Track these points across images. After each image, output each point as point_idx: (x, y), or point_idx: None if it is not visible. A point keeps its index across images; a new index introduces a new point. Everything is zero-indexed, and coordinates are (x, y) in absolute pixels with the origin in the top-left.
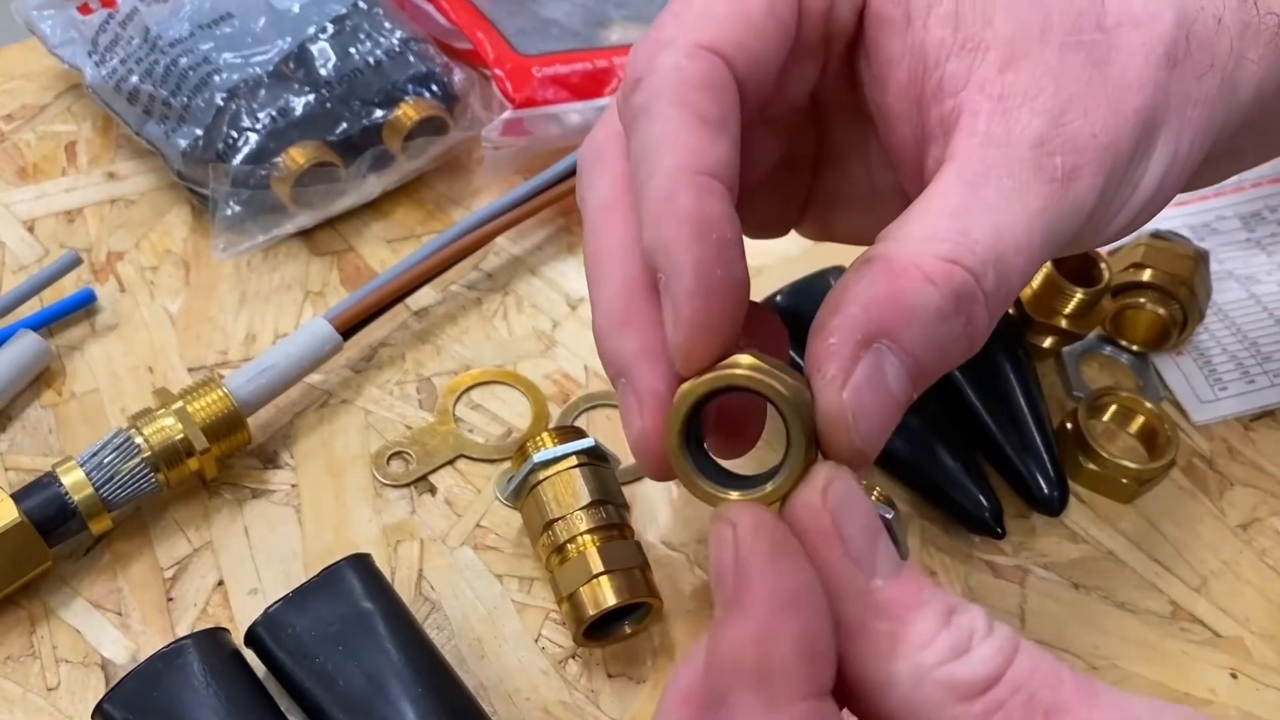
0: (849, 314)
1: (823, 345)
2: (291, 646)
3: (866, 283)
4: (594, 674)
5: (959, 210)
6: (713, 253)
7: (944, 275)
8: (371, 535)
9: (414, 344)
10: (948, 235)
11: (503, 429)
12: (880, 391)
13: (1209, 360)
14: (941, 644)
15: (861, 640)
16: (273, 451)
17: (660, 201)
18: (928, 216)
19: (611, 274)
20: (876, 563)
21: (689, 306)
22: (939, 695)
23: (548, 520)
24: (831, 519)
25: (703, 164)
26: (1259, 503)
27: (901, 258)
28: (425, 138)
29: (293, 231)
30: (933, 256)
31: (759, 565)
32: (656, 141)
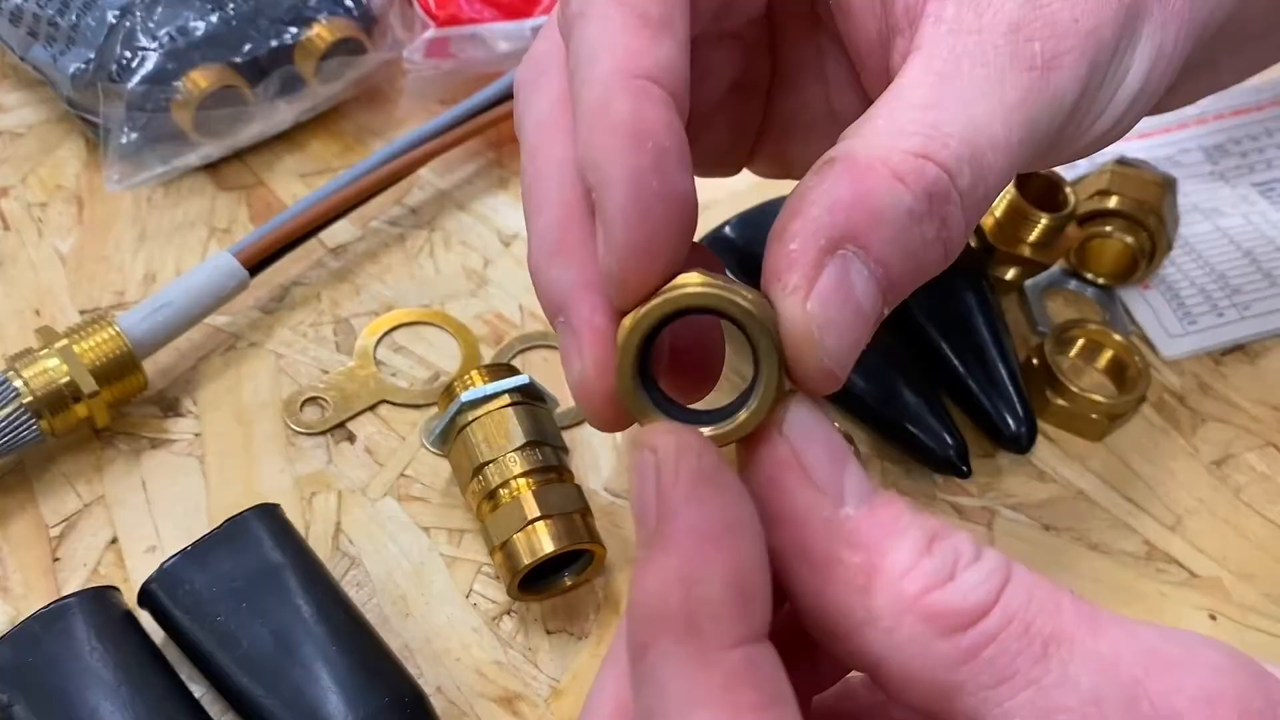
0: (811, 217)
1: (783, 252)
2: (189, 605)
3: (830, 183)
4: (531, 631)
5: (929, 103)
6: (648, 162)
7: (915, 173)
8: (283, 487)
9: (330, 283)
10: (917, 129)
11: (429, 373)
12: (848, 303)
13: (1177, 294)
14: (923, 571)
15: (834, 575)
16: (173, 398)
17: (593, 109)
18: (895, 111)
19: (549, 199)
20: (845, 490)
21: (622, 226)
22: (923, 628)
23: (478, 464)
24: (790, 445)
25: (641, 66)
26: (1232, 439)
27: (867, 155)
28: (340, 60)
29: (197, 164)
30: (902, 152)
31: (683, 495)
32: (592, 45)
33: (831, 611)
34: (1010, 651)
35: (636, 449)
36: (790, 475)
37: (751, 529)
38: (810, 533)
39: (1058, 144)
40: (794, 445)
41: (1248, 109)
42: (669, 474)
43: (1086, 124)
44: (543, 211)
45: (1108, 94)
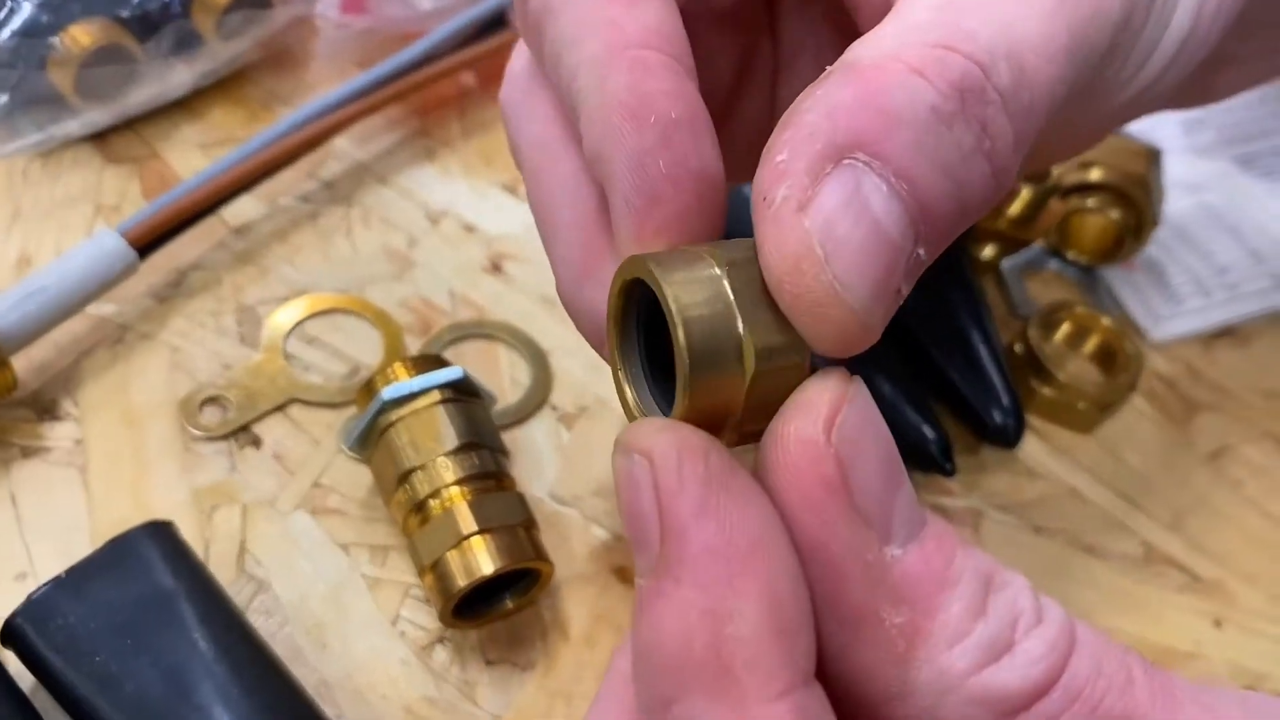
0: (806, 123)
1: (769, 167)
2: (63, 642)
3: (827, 88)
4: (468, 661)
5: (944, 4)
6: (651, 140)
7: (936, 64)
8: (179, 501)
9: (233, 266)
10: (935, 25)
11: (347, 367)
12: (864, 219)
13: (1162, 274)
14: (977, 642)
15: (869, 634)
16: (50, 399)
17: (589, 96)
18: (905, 14)
19: (563, 222)
20: (894, 523)
21: (628, 217)
22: (972, 711)
23: (404, 471)
24: (837, 462)
25: (629, 35)
26: (1227, 428)
27: (875, 54)
28: (244, 15)
29: (80, 133)
30: (919, 45)
31: (692, 508)
32: (569, 35)
33: (860, 676)
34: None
35: (621, 455)
36: (834, 501)
37: (781, 543)
38: (847, 579)
39: (1101, 85)
40: (843, 459)
41: None
42: (671, 483)
43: (1134, 63)
44: (559, 236)
45: (1155, 30)
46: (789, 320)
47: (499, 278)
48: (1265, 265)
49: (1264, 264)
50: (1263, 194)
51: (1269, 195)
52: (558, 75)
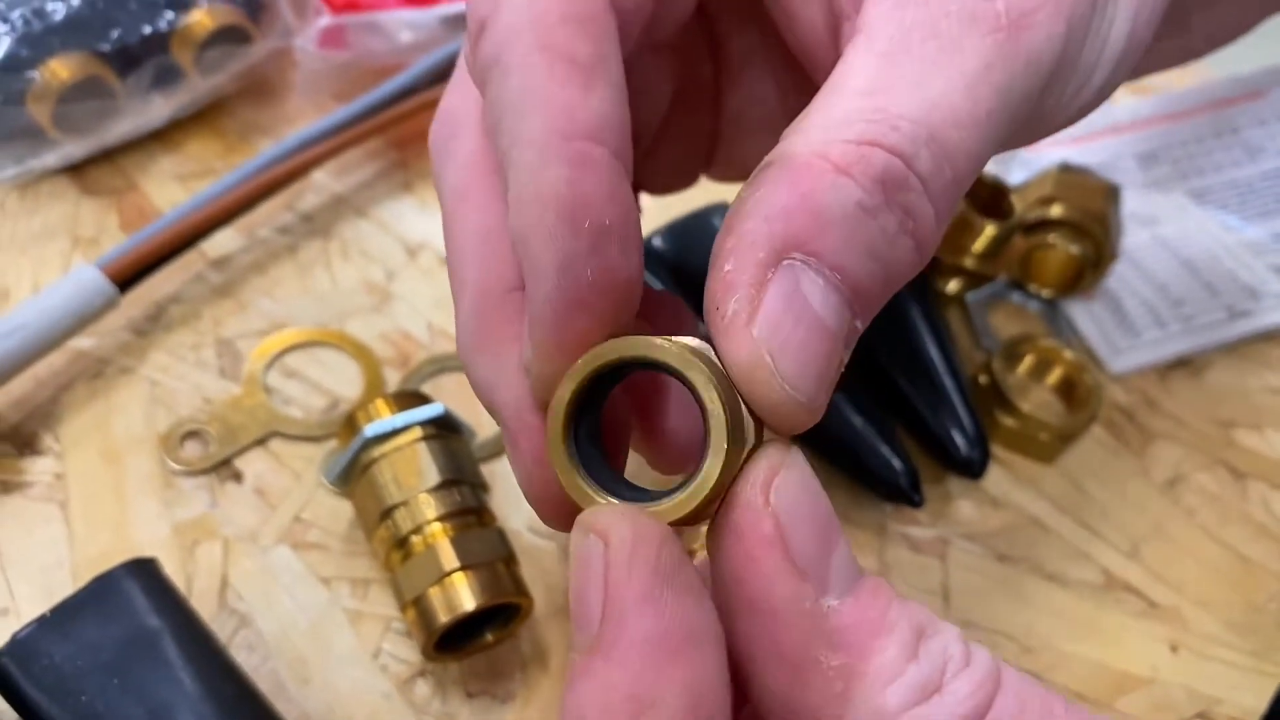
0: (746, 230)
1: (718, 278)
2: (48, 682)
3: (764, 190)
4: (449, 694)
5: (872, 88)
6: (584, 245)
7: (860, 162)
8: (160, 536)
9: (212, 299)
10: (859, 116)
11: (327, 400)
12: (804, 317)
13: (1120, 305)
14: (909, 683)
15: (809, 677)
16: (30, 434)
17: (524, 180)
18: (833, 102)
19: (467, 280)
20: (830, 576)
21: (549, 320)
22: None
23: (386, 507)
24: (775, 523)
25: (576, 124)
26: (1182, 458)
27: (804, 152)
28: (223, 49)
29: (58, 165)
30: (842, 143)
31: (636, 596)
32: (516, 101)
33: (803, 716)
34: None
35: (581, 533)
36: (771, 555)
37: (715, 641)
38: (787, 626)
39: (1040, 114)
40: (780, 520)
41: (1176, 115)
42: (620, 569)
43: (1072, 89)
44: (464, 294)
45: (1092, 52)
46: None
47: None
48: (1219, 298)
49: (1218, 297)
50: (1216, 227)
51: (1222, 228)
52: (495, 133)
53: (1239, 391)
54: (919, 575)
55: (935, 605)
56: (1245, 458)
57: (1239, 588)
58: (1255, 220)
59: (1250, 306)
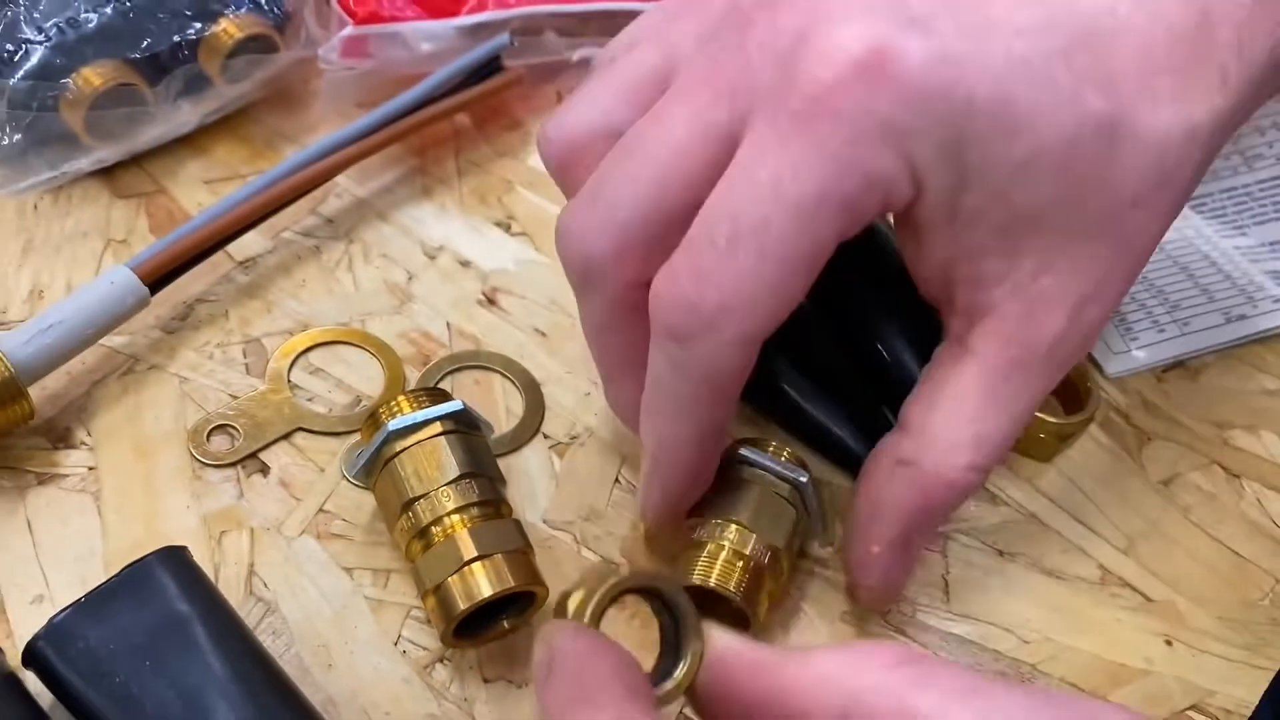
0: (888, 526)
1: (866, 553)
2: (84, 664)
3: (901, 493)
4: (467, 679)
5: (979, 416)
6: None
7: (964, 483)
8: (189, 526)
9: (239, 299)
10: (969, 444)
11: (349, 397)
12: (906, 570)
13: (1118, 310)
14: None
15: None
16: (64, 428)
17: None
18: (951, 420)
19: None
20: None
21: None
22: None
23: (407, 499)
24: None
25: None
26: (1178, 457)
27: (931, 468)
28: (249, 58)
29: (89, 169)
30: (957, 470)
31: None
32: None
33: None
34: None
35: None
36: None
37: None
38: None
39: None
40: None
41: None
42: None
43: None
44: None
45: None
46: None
47: (494, 311)
48: (1215, 303)
49: (1214, 301)
50: (1212, 234)
51: (1218, 235)
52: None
53: (1234, 394)
54: (921, 568)
55: (936, 597)
56: (1240, 458)
57: (1233, 584)
58: (1252, 227)
59: (1246, 311)
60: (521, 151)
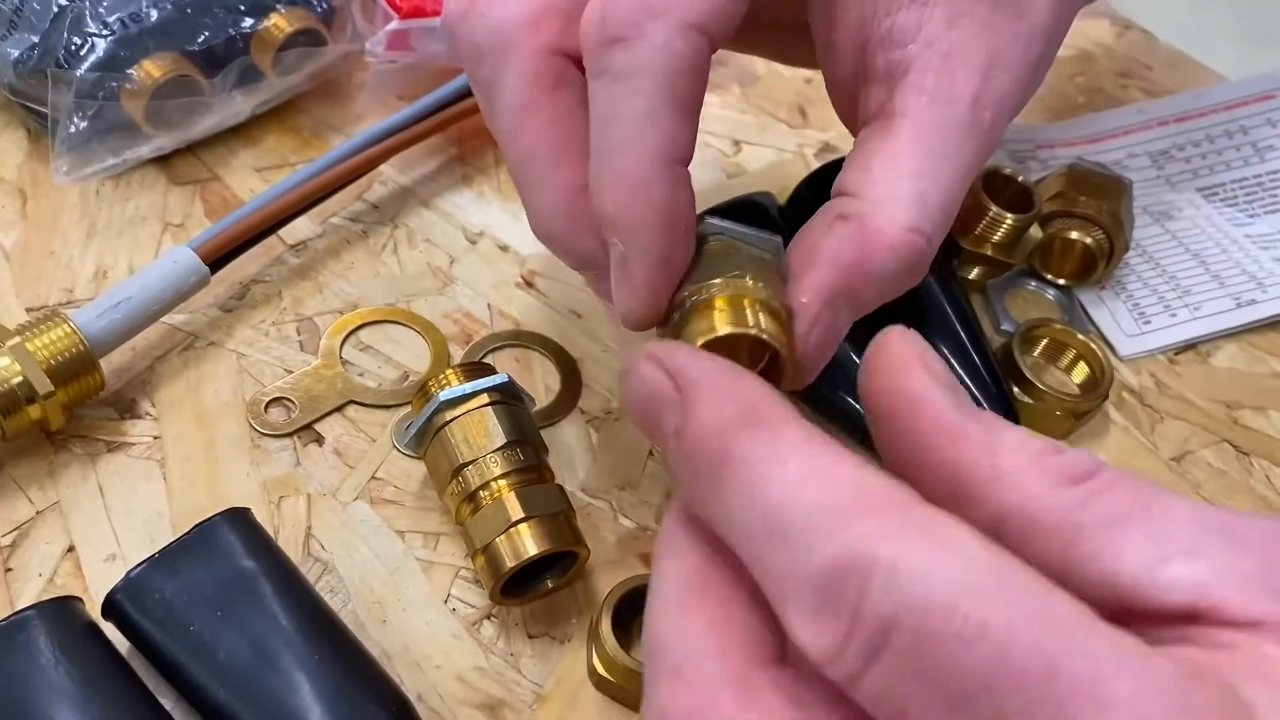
0: (820, 276)
1: (796, 301)
2: (160, 614)
3: (839, 243)
4: (512, 635)
5: (917, 173)
6: (679, 241)
7: (907, 245)
8: (250, 491)
9: (292, 280)
10: (909, 200)
11: (397, 372)
12: (832, 340)
13: (1131, 295)
14: (1035, 448)
15: (964, 442)
16: (130, 400)
17: (630, 184)
18: (889, 177)
19: (549, 179)
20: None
21: (648, 286)
22: (1048, 480)
23: (457, 465)
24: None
25: (677, 152)
26: (1189, 435)
27: (871, 224)
28: (299, 51)
29: (148, 156)
30: (898, 226)
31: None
32: (635, 119)
33: (963, 474)
34: (1121, 501)
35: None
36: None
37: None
38: (941, 412)
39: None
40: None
41: (1190, 116)
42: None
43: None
44: (545, 189)
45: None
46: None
47: (531, 293)
48: (1226, 288)
49: (1225, 287)
50: (1224, 222)
51: (1230, 223)
52: (602, 125)
53: (1244, 376)
54: None
55: None
56: (1250, 437)
57: None
58: (1262, 215)
59: (1256, 296)
60: None
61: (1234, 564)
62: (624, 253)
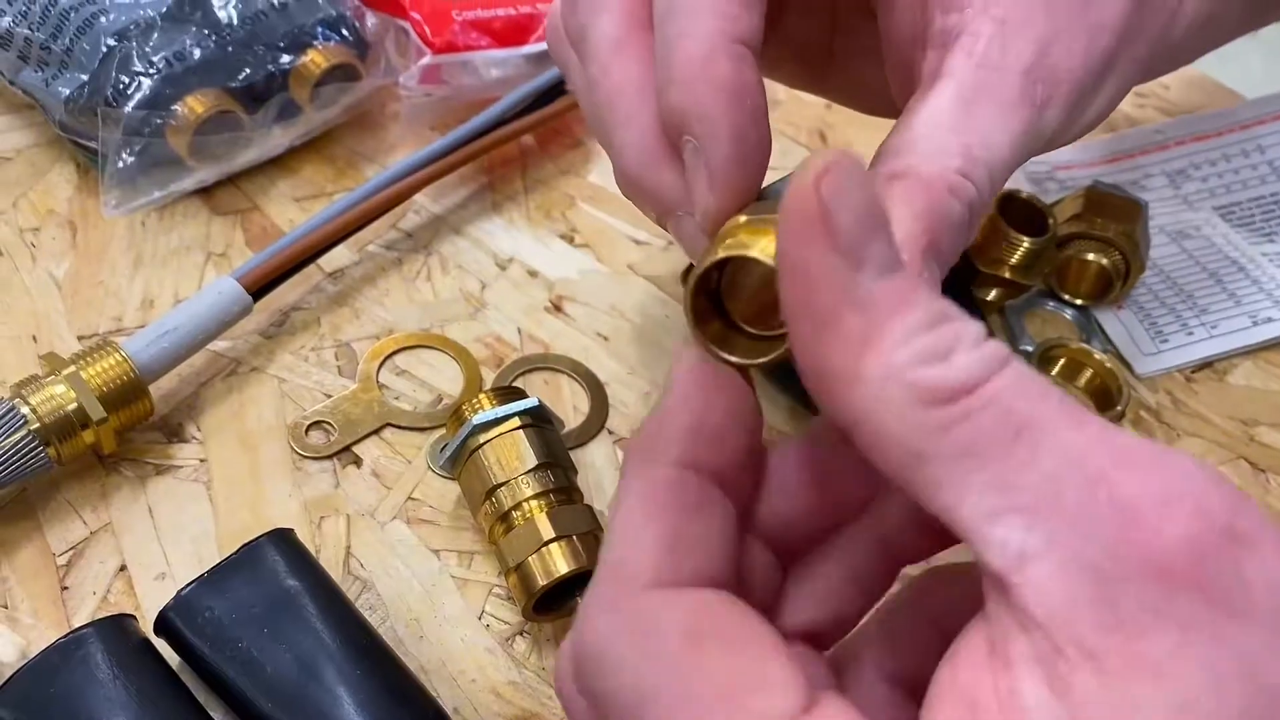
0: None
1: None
2: (209, 631)
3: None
4: (544, 650)
5: (957, 127)
6: (748, 118)
7: (961, 188)
8: (292, 511)
9: (330, 307)
10: (956, 150)
11: (432, 396)
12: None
13: (1148, 313)
14: (918, 347)
15: (833, 332)
16: (177, 424)
17: (695, 66)
18: (934, 131)
19: (636, 113)
20: (866, 256)
21: (725, 172)
22: (905, 396)
23: (490, 487)
24: (819, 202)
25: (738, 31)
26: (1205, 453)
27: (926, 173)
28: (335, 86)
29: (192, 188)
30: (951, 171)
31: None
32: (693, 3)
33: (824, 367)
34: (983, 430)
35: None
36: (814, 230)
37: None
38: (819, 288)
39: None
40: (825, 202)
41: (1206, 135)
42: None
43: (1052, 145)
44: (631, 125)
45: (1075, 124)
46: None
47: (560, 317)
48: (1242, 306)
49: (1241, 305)
50: (1240, 240)
51: (1246, 242)
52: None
53: (1261, 393)
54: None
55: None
56: (1266, 454)
57: None
58: (1278, 234)
59: (1273, 314)
60: (583, 169)
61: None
62: (696, 146)
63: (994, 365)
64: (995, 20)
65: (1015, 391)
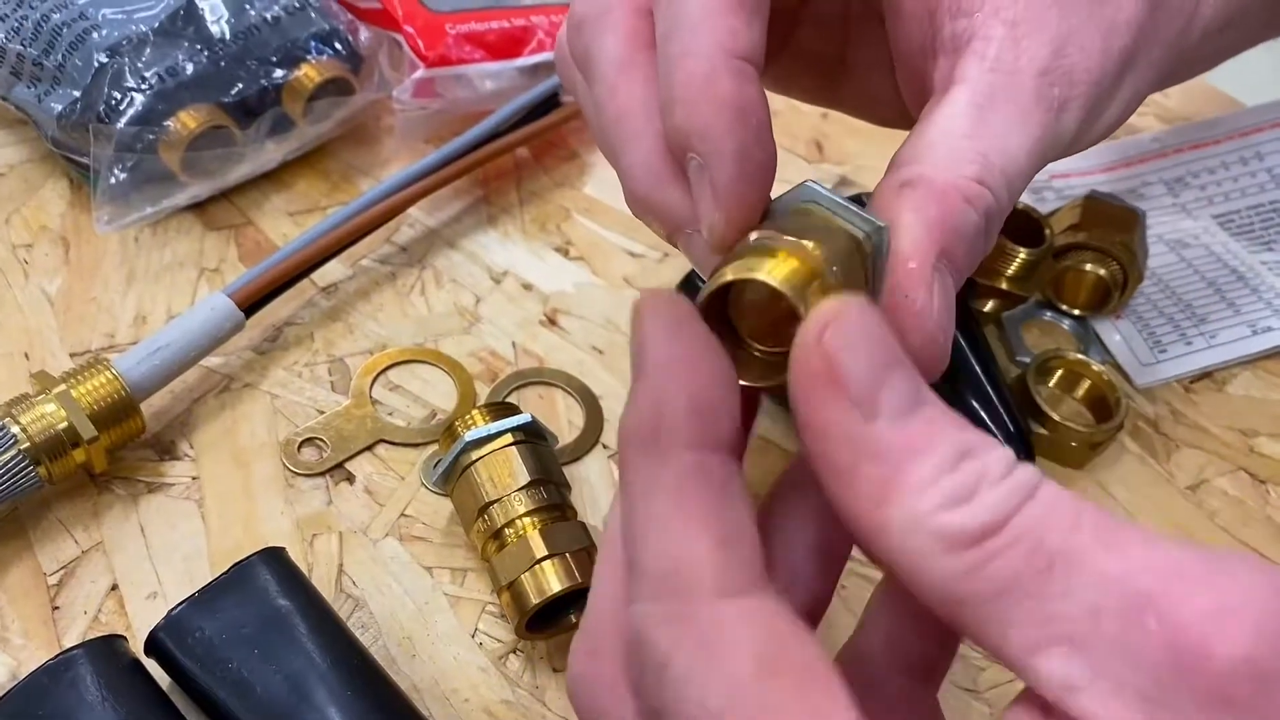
0: (916, 236)
1: (904, 269)
2: (200, 652)
3: (918, 203)
4: (538, 669)
5: (972, 133)
6: (751, 136)
7: (978, 197)
8: (284, 529)
9: (323, 322)
10: (971, 158)
11: (425, 411)
12: (951, 304)
13: (1147, 323)
14: (940, 490)
15: (853, 485)
16: (169, 441)
17: (697, 84)
18: (947, 138)
19: (642, 133)
20: (881, 402)
21: (729, 191)
22: (932, 545)
23: (483, 504)
24: (824, 358)
25: (739, 47)
26: (1205, 464)
27: (941, 181)
28: (329, 100)
29: (185, 204)
30: (966, 180)
31: (656, 337)
32: (693, 18)
33: (849, 515)
34: (1014, 567)
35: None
36: (823, 387)
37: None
38: (835, 444)
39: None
40: (831, 356)
41: (1205, 143)
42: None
43: (1069, 150)
44: (639, 144)
45: (1092, 128)
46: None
47: (554, 331)
48: (1242, 315)
49: (1241, 314)
50: (1239, 249)
51: (1245, 250)
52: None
53: (1260, 403)
54: None
55: None
56: (1266, 464)
57: None
58: (1277, 242)
59: (1272, 323)
60: (578, 181)
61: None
62: (700, 163)
63: (1021, 496)
64: (1006, 23)
65: (1046, 523)
